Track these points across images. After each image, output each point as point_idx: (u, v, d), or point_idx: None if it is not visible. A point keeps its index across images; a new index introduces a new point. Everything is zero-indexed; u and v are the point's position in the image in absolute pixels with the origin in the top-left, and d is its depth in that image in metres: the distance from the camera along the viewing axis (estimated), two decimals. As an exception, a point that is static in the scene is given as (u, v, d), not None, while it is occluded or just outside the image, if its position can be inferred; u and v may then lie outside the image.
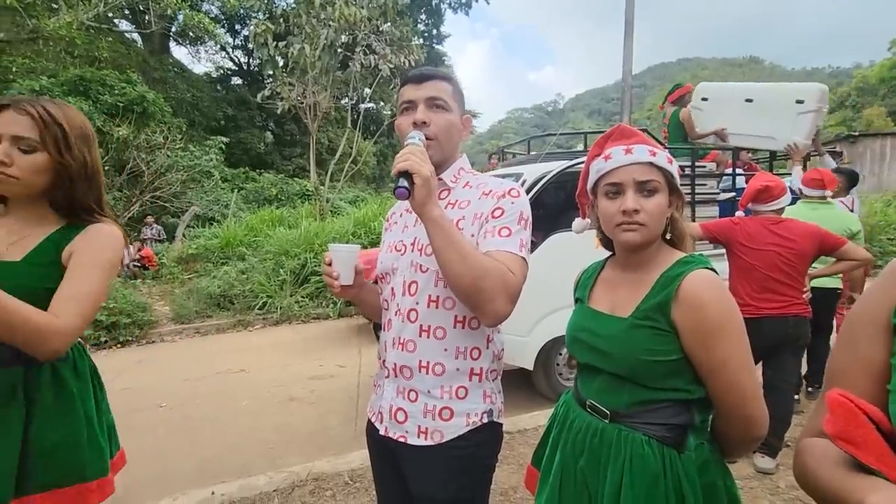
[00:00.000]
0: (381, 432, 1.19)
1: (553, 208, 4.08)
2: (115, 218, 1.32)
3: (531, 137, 4.94)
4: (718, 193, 4.48)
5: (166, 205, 10.91)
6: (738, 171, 4.57)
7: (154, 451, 3.22)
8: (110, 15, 13.80)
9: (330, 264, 1.18)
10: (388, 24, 11.57)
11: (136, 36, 17.18)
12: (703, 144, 4.82)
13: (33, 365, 1.14)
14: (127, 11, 16.09)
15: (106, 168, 9.65)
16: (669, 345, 0.94)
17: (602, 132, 1.17)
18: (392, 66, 10.33)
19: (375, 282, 1.29)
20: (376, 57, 10.21)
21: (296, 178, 15.43)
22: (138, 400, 4.12)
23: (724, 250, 2.66)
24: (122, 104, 10.03)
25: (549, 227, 3.73)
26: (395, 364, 1.16)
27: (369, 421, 1.26)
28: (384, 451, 1.20)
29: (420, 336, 1.13)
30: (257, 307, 7.03)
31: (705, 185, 4.39)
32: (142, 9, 14.26)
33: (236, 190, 13.08)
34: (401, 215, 1.29)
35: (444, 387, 1.12)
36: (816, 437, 0.65)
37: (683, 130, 5.02)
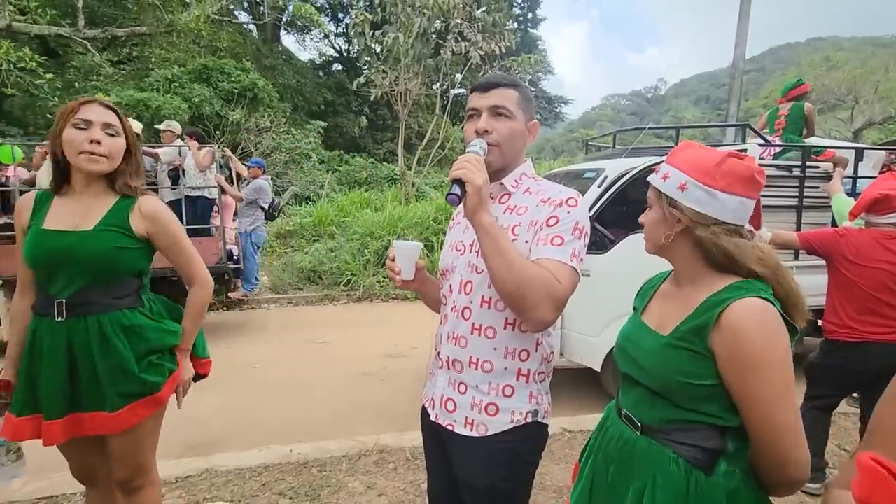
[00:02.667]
0: (432, 418, 1.27)
1: (636, 206, 3.90)
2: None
3: (617, 131, 4.73)
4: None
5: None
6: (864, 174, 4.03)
7: (246, 405, 3.64)
8: (231, 7, 15.16)
9: (394, 259, 1.27)
10: (482, 9, 11.51)
11: (251, 26, 18.71)
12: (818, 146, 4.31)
13: (115, 310, 1.46)
14: (245, 3, 17.59)
15: (222, 149, 10.76)
16: (705, 369, 0.92)
17: (704, 125, 1.16)
18: (483, 52, 10.31)
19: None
20: (468, 44, 10.25)
21: (385, 162, 16.06)
22: (237, 359, 4.64)
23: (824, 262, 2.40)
24: (236, 90, 11.07)
25: (631, 226, 3.59)
26: (448, 357, 1.23)
27: (423, 406, 1.35)
28: (434, 436, 1.29)
29: (472, 333, 1.18)
30: (342, 284, 7.53)
31: (817, 187, 3.94)
32: (258, 1, 15.49)
33: (331, 171, 13.92)
34: (464, 216, 1.33)
35: (492, 383, 1.17)
36: (845, 491, 0.63)
37: (803, 124, 4.55)
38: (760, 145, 4.20)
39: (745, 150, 3.51)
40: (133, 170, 1.52)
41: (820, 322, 2.40)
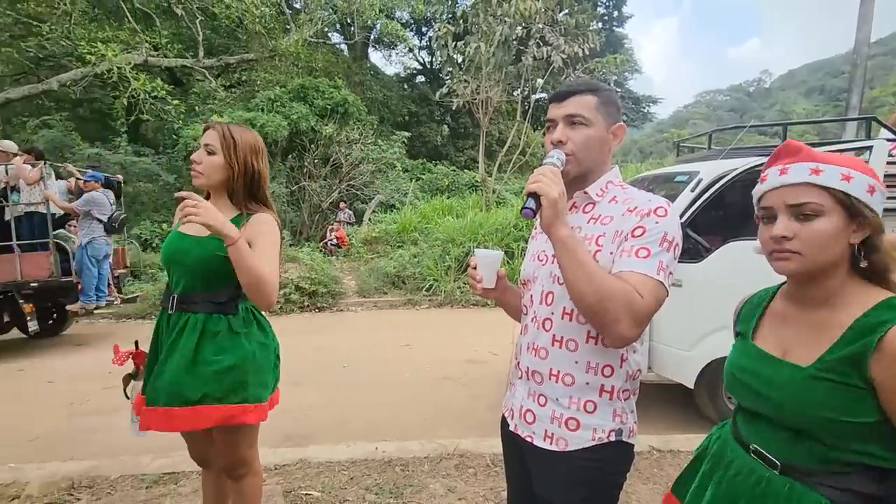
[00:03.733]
0: (511, 428, 1.25)
1: (735, 212, 3.61)
2: (272, 208, 1.75)
3: (713, 130, 4.39)
4: None
5: (357, 192, 12.61)
6: None
7: (335, 403, 3.87)
8: (325, 30, 16.31)
9: (475, 268, 1.28)
10: (564, 12, 11.31)
11: (343, 46, 19.97)
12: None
13: (213, 314, 1.59)
14: (338, 25, 18.81)
15: (315, 161, 11.58)
16: (862, 404, 0.80)
17: (818, 120, 1.05)
18: (565, 56, 10.11)
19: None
20: (549, 48, 10.11)
21: (466, 170, 16.28)
22: (327, 358, 4.95)
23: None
24: (329, 106, 11.87)
25: (729, 233, 3.32)
26: (527, 368, 1.22)
27: (503, 415, 1.35)
28: (513, 446, 1.28)
29: (553, 345, 1.16)
30: (425, 289, 7.74)
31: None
32: (349, 22, 16.50)
33: (414, 180, 14.39)
34: (541, 230, 1.32)
35: (573, 397, 1.14)
36: None
37: None
38: (889, 140, 3.69)
39: (871, 148, 3.11)
40: (240, 187, 1.64)
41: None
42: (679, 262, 3.46)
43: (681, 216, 3.29)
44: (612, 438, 1.13)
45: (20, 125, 12.94)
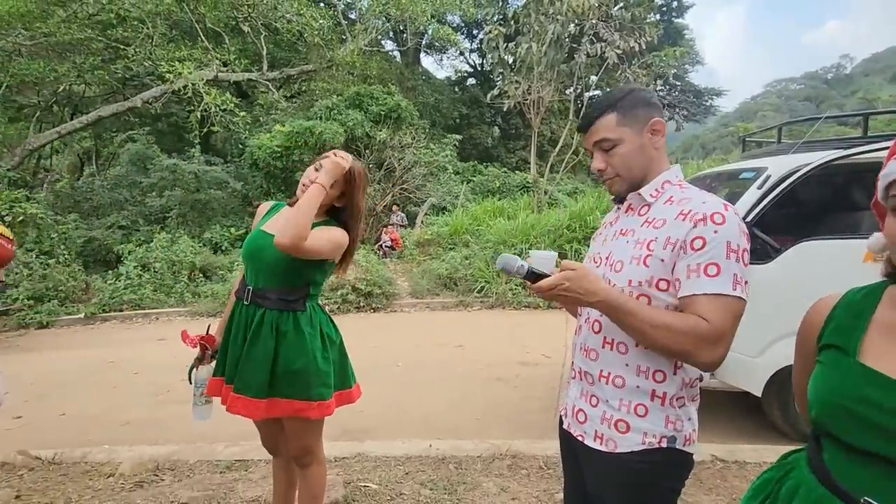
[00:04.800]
0: (565, 427, 1.29)
1: (809, 209, 3.39)
2: (358, 230, 1.86)
3: (784, 123, 4.11)
4: None
5: (410, 195, 12.86)
6: None
7: (390, 401, 3.99)
8: (379, 38, 16.79)
9: None
10: (619, 6, 10.99)
11: (395, 53, 20.46)
12: None
13: (284, 310, 1.70)
14: (391, 33, 19.29)
15: (370, 165, 11.94)
16: None
17: None
18: (620, 51, 9.82)
19: None
20: (603, 44, 9.86)
21: (517, 171, 16.18)
22: (382, 357, 5.10)
23: None
24: (383, 112, 12.21)
25: (802, 232, 3.12)
26: (580, 368, 1.24)
27: (560, 413, 1.37)
28: (568, 444, 1.30)
29: (603, 347, 1.16)
30: (476, 290, 7.78)
31: None
32: (401, 29, 16.89)
33: (465, 182, 14.48)
34: (605, 227, 1.32)
35: (623, 400, 1.14)
36: None
37: None
38: None
39: None
40: (349, 212, 1.80)
41: None
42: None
43: (746, 215, 3.13)
44: (664, 444, 1.11)
45: (109, 140, 14.30)
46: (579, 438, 1.22)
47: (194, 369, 1.85)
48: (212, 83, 11.09)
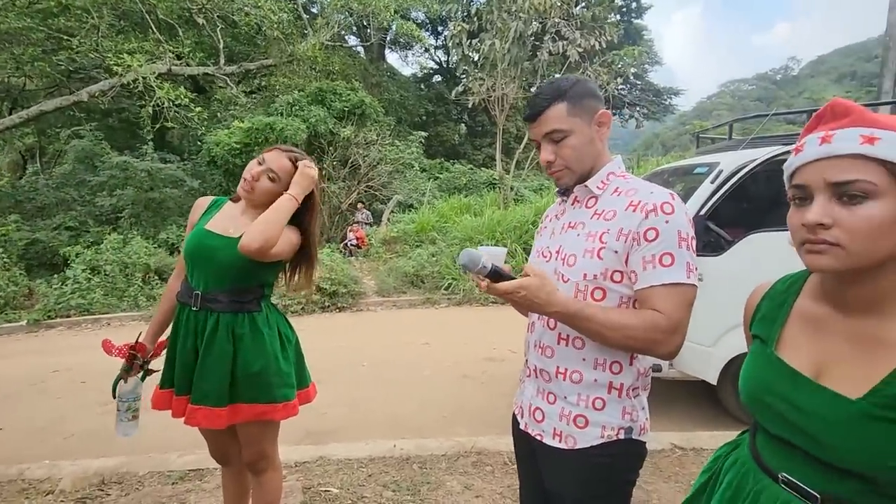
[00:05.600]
0: (522, 426, 1.25)
1: (757, 203, 3.51)
2: (313, 231, 1.77)
3: (734, 120, 4.27)
4: None
5: (376, 193, 12.71)
6: None
7: (356, 401, 3.91)
8: (342, 33, 16.49)
9: None
10: (581, 5, 11.18)
11: (359, 48, 20.15)
12: None
13: (239, 313, 1.63)
14: (354, 28, 18.98)
15: (334, 163, 11.72)
16: None
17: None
18: (581, 49, 9.99)
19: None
20: (565, 43, 10.00)
21: (484, 168, 16.26)
22: (347, 357, 5.01)
23: None
24: (347, 108, 11.99)
25: (752, 224, 3.23)
26: (535, 366, 1.22)
27: (514, 413, 1.34)
28: (525, 444, 1.28)
29: (559, 344, 1.15)
30: (443, 288, 7.75)
31: None
32: (365, 24, 16.64)
33: (432, 179, 14.43)
34: (551, 220, 1.31)
35: (581, 395, 1.13)
36: None
37: None
38: None
39: None
40: (307, 210, 1.70)
41: None
42: (700, 255, 3.38)
43: (700, 208, 3.22)
44: (622, 436, 1.12)
45: (54, 136, 13.47)
46: (538, 437, 1.20)
47: (121, 381, 1.73)
48: (165, 77, 10.60)
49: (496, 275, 1.05)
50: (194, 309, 1.63)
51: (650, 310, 1.04)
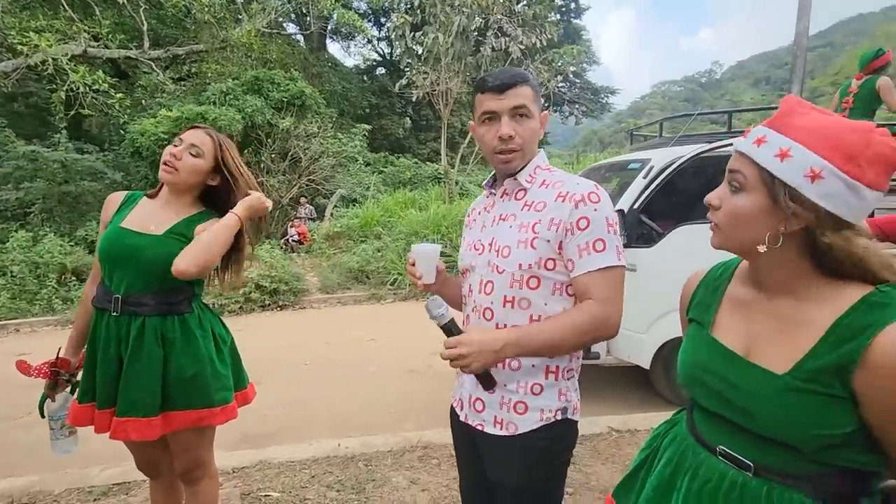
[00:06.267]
0: (462, 419, 1.27)
1: (686, 197, 3.73)
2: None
3: (663, 119, 4.53)
4: (913, 180, 3.64)
5: (318, 187, 12.34)
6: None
7: (297, 401, 3.79)
8: (280, 20, 15.81)
9: (413, 264, 1.26)
10: (522, 3, 11.38)
11: (299, 37, 19.43)
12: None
13: (168, 315, 1.52)
14: (293, 15, 18.26)
15: (272, 156, 11.25)
16: (842, 415, 0.70)
17: (759, 108, 0.97)
18: (523, 46, 10.18)
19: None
20: (507, 39, 10.15)
21: (429, 162, 16.23)
22: (289, 356, 4.84)
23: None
24: (286, 99, 11.52)
25: (680, 217, 3.43)
26: None
27: (452, 406, 1.35)
28: (465, 436, 1.29)
29: None
30: (389, 283, 7.67)
31: (893, 170, 3.60)
32: (304, 12, 16.05)
33: (376, 173, 14.22)
34: (479, 213, 1.31)
35: (520, 381, 1.16)
36: None
37: (878, 101, 4.13)
38: None
39: None
40: (230, 191, 1.60)
41: None
42: (633, 247, 3.53)
43: (634, 202, 3.38)
44: (559, 417, 1.17)
45: (-53, 122, 12.00)
46: (479, 428, 1.21)
47: (47, 400, 1.59)
48: (80, 59, 9.72)
49: (448, 329, 1.10)
50: (115, 314, 1.49)
51: (586, 301, 1.10)
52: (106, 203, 1.62)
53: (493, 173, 1.30)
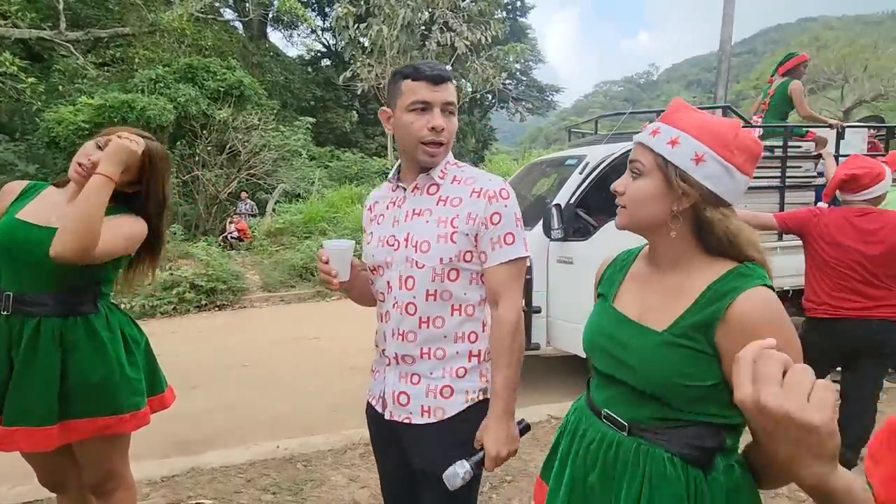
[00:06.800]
0: (386, 416, 1.24)
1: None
2: (161, 222, 1.59)
3: (598, 117, 4.72)
4: (815, 177, 4.01)
5: (259, 182, 11.85)
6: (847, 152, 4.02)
7: (235, 405, 3.65)
8: (216, 5, 15.02)
9: (327, 262, 1.19)
10: (468, -1, 11.45)
11: (237, 23, 18.53)
12: (803, 124, 4.30)
13: (70, 316, 1.41)
14: (230, 1, 17.40)
15: (208, 148, 10.70)
16: (707, 369, 0.82)
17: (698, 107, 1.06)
18: (469, 42, 10.24)
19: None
20: (453, 34, 10.18)
21: (376, 157, 15.99)
22: (227, 358, 4.64)
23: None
24: (223, 89, 10.96)
25: (613, 211, 3.58)
26: (396, 353, 1.22)
27: (369, 404, 1.32)
28: (386, 434, 1.28)
29: (420, 327, 1.19)
30: (334, 280, 7.52)
31: (799, 167, 3.94)
32: (242, -3, 15.34)
33: (321, 168, 13.85)
34: (387, 207, 1.28)
35: (446, 368, 1.19)
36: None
37: (790, 105, 4.43)
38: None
39: None
40: (149, 201, 1.51)
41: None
42: (570, 240, 3.64)
43: (571, 196, 3.50)
44: (481, 397, 1.21)
45: None
46: (405, 422, 1.21)
47: None
48: (-16, 39, 8.80)
49: (476, 468, 1.14)
50: (5, 313, 1.37)
51: (496, 314, 1.18)
52: (2, 192, 1.48)
53: (396, 165, 1.29)
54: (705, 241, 0.88)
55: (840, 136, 4.05)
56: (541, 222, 3.40)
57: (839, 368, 2.45)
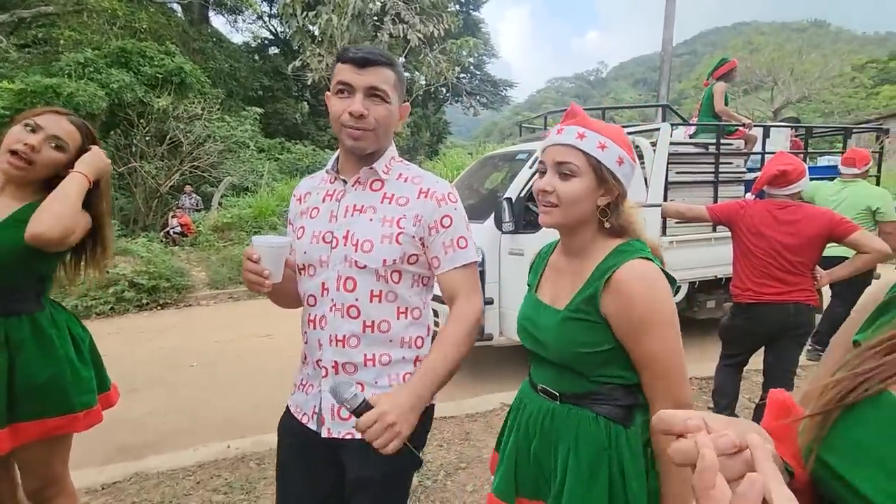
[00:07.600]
0: (324, 434, 1.11)
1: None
2: (106, 208, 1.52)
3: (547, 113, 4.86)
4: (745, 172, 4.31)
5: (204, 174, 11.33)
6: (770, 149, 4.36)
7: (184, 405, 3.51)
8: (151, -15, 14.12)
9: (257, 261, 1.04)
10: (420, -10, 11.37)
11: (175, 6, 17.52)
12: (729, 122, 4.62)
13: (12, 315, 1.35)
14: (167, -19, 16.40)
15: (147, 139, 10.11)
16: (601, 336, 0.96)
17: (629, 106, 1.17)
18: (421, 35, 10.19)
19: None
20: (405, 26, 10.09)
21: (328, 149, 15.67)
22: (173, 359, 4.45)
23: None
24: (161, 76, 10.36)
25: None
26: (335, 362, 1.11)
27: (291, 422, 1.18)
28: (319, 451, 1.14)
29: (364, 332, 1.10)
30: (286, 275, 7.33)
31: (731, 163, 4.23)
32: (181, -21, 14.52)
33: (271, 160, 13.42)
34: (322, 200, 1.18)
35: (391, 375, 1.12)
36: None
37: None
38: (674, 125, 4.46)
39: (659, 130, 3.76)
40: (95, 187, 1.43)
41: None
42: (521, 233, 3.74)
43: (521, 190, 3.59)
44: (427, 402, 1.13)
45: None
46: (346, 437, 1.10)
47: None
48: None
49: (361, 410, 0.94)
50: None
51: (454, 308, 1.12)
52: None
53: (335, 155, 1.21)
54: (609, 227, 1.02)
55: (766, 134, 4.39)
56: (493, 215, 3.47)
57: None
